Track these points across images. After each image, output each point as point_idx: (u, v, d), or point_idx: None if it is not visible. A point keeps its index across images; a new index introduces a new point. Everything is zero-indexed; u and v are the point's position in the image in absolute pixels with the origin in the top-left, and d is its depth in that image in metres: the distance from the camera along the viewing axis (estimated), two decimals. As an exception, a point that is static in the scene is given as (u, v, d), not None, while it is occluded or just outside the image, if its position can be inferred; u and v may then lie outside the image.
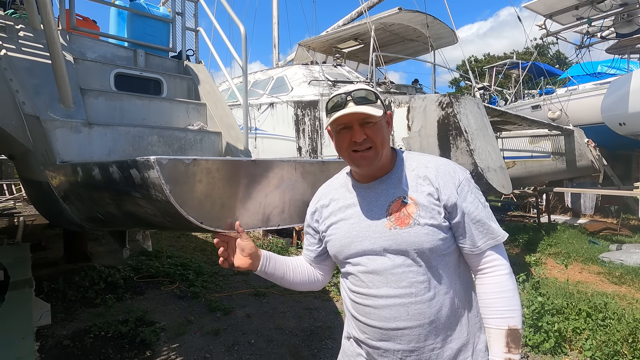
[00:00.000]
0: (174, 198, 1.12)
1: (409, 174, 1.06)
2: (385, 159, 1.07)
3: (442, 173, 1.03)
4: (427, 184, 1.03)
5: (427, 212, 0.99)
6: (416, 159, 1.09)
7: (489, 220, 1.02)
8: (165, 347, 2.96)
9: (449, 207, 1.00)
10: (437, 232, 0.99)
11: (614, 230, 7.59)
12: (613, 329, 3.08)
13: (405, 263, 1.00)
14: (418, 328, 0.99)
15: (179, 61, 3.44)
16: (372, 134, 1.02)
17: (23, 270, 3.72)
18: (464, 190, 1.02)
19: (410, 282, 0.99)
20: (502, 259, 1.03)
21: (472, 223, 1.01)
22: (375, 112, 1.00)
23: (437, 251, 1.00)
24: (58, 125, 2.17)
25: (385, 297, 1.01)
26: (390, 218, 1.02)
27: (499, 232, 1.03)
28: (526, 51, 18.16)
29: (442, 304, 1.00)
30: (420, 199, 1.01)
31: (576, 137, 8.01)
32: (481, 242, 1.02)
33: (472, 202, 1.02)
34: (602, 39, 9.39)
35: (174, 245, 6.17)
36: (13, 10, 2.58)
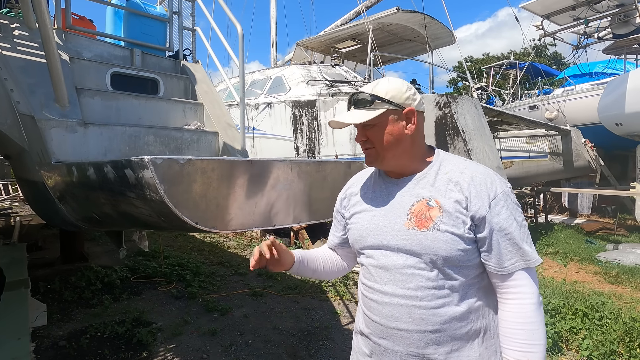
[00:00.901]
0: (168, 198, 1.11)
1: (441, 177, 1.01)
2: (407, 158, 1.04)
3: (476, 182, 0.96)
4: (458, 190, 0.96)
5: (450, 219, 0.94)
6: (454, 163, 1.03)
7: (522, 242, 0.94)
8: (161, 347, 2.95)
9: (476, 220, 0.94)
10: (457, 241, 0.93)
11: (610, 230, 7.62)
12: (610, 328, 3.09)
13: (416, 265, 0.97)
14: (418, 333, 0.96)
15: (176, 61, 3.43)
16: (372, 135, 1.03)
17: (19, 271, 3.70)
18: (498, 205, 0.94)
19: (417, 286, 0.96)
20: (530, 285, 0.95)
21: (501, 241, 0.93)
22: (364, 116, 1.00)
23: (453, 261, 0.94)
24: (53, 124, 2.15)
25: (390, 295, 1.00)
26: (410, 218, 0.99)
27: (532, 256, 0.94)
28: (524, 52, 18.22)
29: (451, 316, 0.95)
30: (446, 204, 0.96)
31: (573, 137, 8.05)
32: (509, 262, 0.94)
33: (505, 218, 0.94)
34: (599, 39, 9.43)
35: (172, 245, 6.15)
36: (8, 9, 2.57)
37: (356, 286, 4.52)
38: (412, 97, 1.03)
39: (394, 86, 1.02)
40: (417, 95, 1.05)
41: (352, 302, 4.04)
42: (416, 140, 1.04)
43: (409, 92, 1.02)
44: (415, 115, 1.02)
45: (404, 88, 1.02)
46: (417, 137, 1.04)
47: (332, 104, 6.07)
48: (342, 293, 4.25)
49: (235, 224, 1.30)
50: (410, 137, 1.02)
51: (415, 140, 1.04)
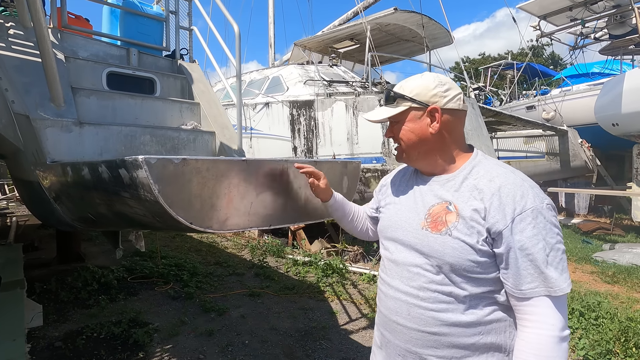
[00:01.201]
0: (162, 198, 1.11)
1: (469, 182, 0.95)
2: (434, 158, 1.01)
3: (503, 193, 0.88)
4: (479, 199, 0.90)
5: (465, 227, 0.90)
6: (487, 169, 0.96)
7: (547, 265, 0.83)
8: (158, 348, 2.94)
9: (493, 233, 0.87)
10: (467, 250, 0.89)
11: (607, 229, 7.65)
12: (606, 328, 3.10)
13: (422, 266, 0.96)
14: (416, 332, 0.96)
15: (173, 60, 3.41)
16: (397, 132, 1.03)
17: (15, 271, 3.68)
18: (523, 221, 0.85)
19: (420, 285, 0.96)
20: (552, 316, 0.83)
21: (521, 261, 0.85)
22: (385, 113, 1.02)
23: (460, 269, 0.90)
24: (48, 124, 2.14)
25: (395, 289, 1.01)
26: (427, 218, 0.97)
27: (557, 284, 0.83)
28: (521, 52, 18.28)
29: (453, 322, 0.91)
30: (464, 211, 0.91)
31: (570, 137, 8.08)
32: (527, 286, 0.85)
33: (530, 237, 0.84)
34: (595, 40, 9.47)
35: (169, 245, 6.13)
36: (3, 7, 2.55)
37: (353, 286, 4.52)
38: (442, 94, 0.97)
39: (422, 83, 0.99)
40: (451, 92, 0.98)
41: (350, 302, 4.04)
42: (445, 139, 0.99)
43: (438, 89, 0.97)
44: (440, 114, 0.96)
45: (433, 85, 0.98)
46: (446, 136, 0.99)
47: (330, 104, 6.06)
48: (340, 293, 4.25)
49: (230, 224, 1.29)
50: (436, 136, 0.98)
51: (443, 139, 0.99)
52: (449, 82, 1.00)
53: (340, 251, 5.79)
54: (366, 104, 5.69)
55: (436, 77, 1.00)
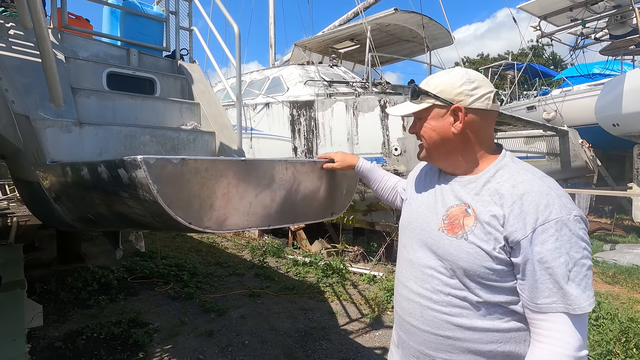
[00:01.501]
0: (161, 198, 1.11)
1: (491, 185, 0.90)
2: (456, 158, 0.97)
3: (526, 201, 0.83)
4: (499, 205, 0.86)
5: (482, 232, 0.86)
6: (512, 173, 0.90)
7: (568, 281, 0.78)
8: (158, 348, 2.94)
9: (510, 242, 0.83)
10: (483, 257, 0.85)
11: (607, 230, 7.64)
12: (606, 328, 3.10)
13: (437, 269, 0.93)
14: (429, 334, 0.93)
15: (173, 60, 3.41)
16: (419, 129, 1.00)
17: (15, 272, 3.69)
18: (545, 232, 0.79)
19: (434, 288, 0.93)
20: (569, 334, 0.78)
21: (539, 274, 0.80)
22: (407, 109, 1.00)
23: (474, 275, 0.87)
24: (48, 124, 2.14)
25: (409, 290, 0.99)
26: (445, 219, 0.94)
27: (577, 301, 0.78)
28: (521, 52, 18.27)
29: (468, 327, 0.88)
30: (483, 215, 0.87)
31: (571, 137, 8.06)
32: (544, 300, 0.80)
33: (551, 250, 0.79)
34: (596, 40, 9.46)
35: (169, 245, 6.13)
36: (3, 8, 2.55)
37: (354, 286, 4.52)
38: (468, 92, 0.91)
39: (448, 79, 0.94)
40: (479, 90, 0.92)
41: (350, 302, 4.04)
42: (469, 140, 0.94)
43: (464, 87, 0.91)
44: (463, 113, 0.91)
45: (460, 82, 0.92)
46: (471, 137, 0.94)
47: (330, 104, 6.06)
48: (340, 293, 4.24)
49: (229, 224, 1.29)
50: (458, 136, 0.93)
51: (467, 140, 0.94)
52: (479, 80, 0.93)
53: (340, 251, 5.79)
54: (366, 104, 5.68)
55: (465, 73, 0.94)
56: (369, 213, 6.03)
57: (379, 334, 3.34)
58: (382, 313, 3.76)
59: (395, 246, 5.39)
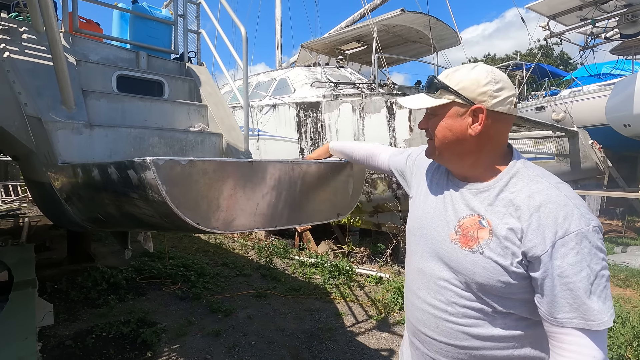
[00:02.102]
0: (170, 199, 1.12)
1: (505, 195, 0.85)
2: (470, 162, 0.91)
3: (543, 213, 0.79)
4: (516, 217, 0.81)
5: (498, 247, 0.82)
6: (526, 181, 0.85)
7: (589, 295, 0.74)
8: (166, 347, 2.97)
9: (529, 257, 0.79)
10: (499, 271, 0.82)
11: (619, 232, 7.52)
12: (617, 332, 3.05)
13: (450, 281, 0.90)
14: (446, 345, 0.91)
15: (181, 63, 3.46)
16: (432, 126, 0.92)
17: (27, 271, 3.75)
18: (565, 246, 0.76)
19: (448, 300, 0.90)
20: (590, 348, 0.75)
21: (559, 288, 0.76)
22: (424, 102, 0.91)
23: (490, 290, 0.84)
24: (60, 126, 2.18)
25: (422, 300, 0.96)
26: (457, 230, 0.89)
27: (598, 317, 0.74)
28: (530, 52, 18.08)
29: (485, 335, 0.86)
30: (499, 229, 0.83)
31: (580, 138, 7.95)
32: (563, 315, 0.77)
33: (572, 264, 0.75)
34: (606, 39, 9.32)
35: (177, 246, 6.19)
36: (17, 12, 2.61)
37: (360, 288, 4.51)
38: (493, 93, 0.85)
39: (472, 76, 0.86)
40: (504, 93, 0.86)
41: (356, 303, 4.03)
42: (485, 144, 0.88)
43: (489, 87, 0.85)
44: (484, 115, 0.85)
45: (484, 81, 0.86)
46: (487, 141, 0.88)
47: (337, 105, 6.07)
48: (346, 295, 4.24)
49: (236, 224, 1.30)
50: (475, 138, 0.87)
51: (483, 144, 0.88)
52: (504, 81, 0.87)
53: (346, 253, 5.78)
54: (373, 105, 5.68)
55: (491, 72, 0.87)
56: (376, 214, 6.02)
57: (386, 336, 3.33)
58: (389, 315, 3.75)
59: (402, 248, 5.37)
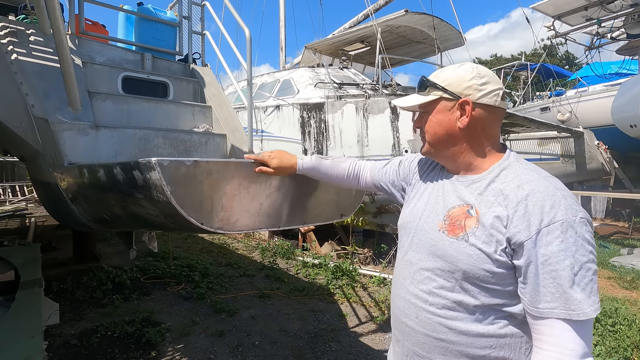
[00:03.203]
0: (174, 199, 1.14)
1: (495, 186, 0.88)
2: (460, 156, 0.94)
3: (530, 202, 0.80)
4: (503, 205, 0.84)
5: (483, 234, 0.84)
6: (516, 173, 0.88)
7: (573, 285, 0.75)
8: (170, 347, 2.99)
9: (513, 244, 0.81)
10: (483, 259, 0.83)
11: (625, 234, 7.45)
12: (623, 335, 3.02)
13: (434, 270, 0.92)
14: (423, 336, 0.93)
15: (186, 64, 3.48)
16: (425, 122, 0.97)
17: (33, 270, 3.78)
18: (550, 234, 0.76)
19: (430, 290, 0.92)
20: (572, 340, 0.75)
21: (542, 277, 0.77)
22: (413, 100, 0.96)
23: (474, 278, 0.85)
24: (66, 127, 2.21)
25: (405, 290, 0.99)
26: (445, 220, 0.92)
27: (582, 307, 0.74)
28: (534, 52, 17.98)
29: (462, 331, 0.87)
30: (485, 217, 0.85)
31: (586, 139, 7.90)
32: (545, 305, 0.77)
33: (555, 252, 0.76)
34: (612, 39, 9.24)
35: (181, 246, 6.22)
36: (24, 15, 2.64)
37: (363, 289, 4.51)
38: (477, 87, 0.89)
39: (458, 73, 0.92)
40: (489, 86, 0.90)
41: (359, 304, 4.03)
42: (475, 136, 0.92)
43: (474, 82, 0.89)
44: (471, 107, 0.89)
45: (469, 76, 0.90)
46: (476, 133, 0.92)
47: (340, 106, 6.07)
48: (350, 296, 4.24)
49: (240, 225, 1.31)
50: (464, 131, 0.91)
51: (472, 136, 0.92)
52: (489, 76, 0.91)
53: (350, 253, 5.78)
54: (376, 106, 5.68)
55: (475, 68, 0.92)
56: (379, 215, 6.01)
57: (389, 337, 3.32)
58: (392, 316, 3.74)
59: (405, 249, 5.36)
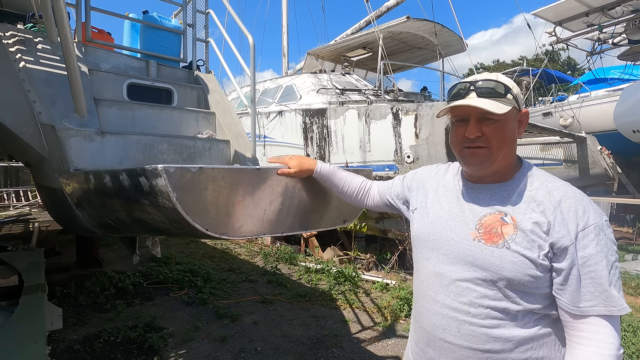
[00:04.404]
0: (180, 205, 1.15)
1: (525, 193, 0.91)
2: (502, 164, 0.94)
3: (565, 208, 0.85)
4: (540, 211, 0.87)
5: (525, 240, 0.85)
6: (542, 180, 0.92)
7: (610, 285, 0.81)
8: (172, 353, 2.99)
9: (556, 248, 0.84)
10: (527, 265, 0.85)
11: (629, 239, 7.40)
12: (628, 341, 3.00)
13: (474, 280, 0.90)
14: (466, 350, 0.90)
15: (190, 71, 3.52)
16: (490, 132, 0.90)
17: (37, 275, 3.80)
18: (587, 237, 0.82)
19: (471, 301, 0.90)
20: (611, 335, 0.82)
21: (583, 278, 0.82)
22: (498, 108, 0.88)
23: (518, 285, 0.86)
24: (72, 134, 2.24)
25: (441, 304, 0.94)
26: (479, 229, 0.91)
27: (618, 303, 0.81)
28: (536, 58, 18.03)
29: (506, 338, 0.87)
30: (523, 223, 0.87)
31: (589, 144, 7.89)
32: (586, 304, 0.82)
33: (593, 254, 0.82)
34: (613, 45, 9.27)
35: (183, 251, 6.23)
36: (32, 24, 2.69)
37: (366, 294, 4.49)
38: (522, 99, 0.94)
39: (513, 83, 0.92)
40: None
41: (362, 310, 4.02)
42: (515, 146, 0.95)
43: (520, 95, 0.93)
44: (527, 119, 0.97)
45: (517, 89, 0.93)
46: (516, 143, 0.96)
47: (342, 112, 6.11)
48: (352, 301, 4.23)
49: (244, 230, 1.33)
50: (514, 140, 0.94)
51: (515, 146, 0.95)
52: None
53: (352, 259, 5.77)
54: (379, 112, 5.70)
55: None
56: (382, 221, 6.01)
57: (392, 343, 3.31)
58: (395, 322, 3.73)
59: (408, 254, 5.35)
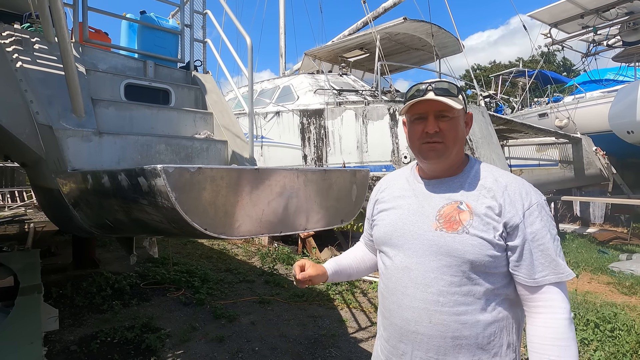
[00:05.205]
0: (179, 205, 1.16)
1: (475, 183, 1.00)
2: (455, 159, 1.04)
3: (511, 191, 0.96)
4: (491, 197, 0.96)
5: (480, 224, 0.93)
6: (489, 171, 1.03)
7: (556, 255, 0.92)
8: (170, 353, 2.98)
9: (509, 227, 0.93)
10: (486, 246, 0.92)
11: (624, 239, 7.46)
12: (622, 340, 3.03)
13: (440, 269, 0.95)
14: (438, 339, 0.94)
15: (187, 71, 3.52)
16: (446, 128, 0.99)
17: (32, 276, 3.78)
18: (532, 215, 0.93)
19: (439, 290, 0.94)
20: (562, 300, 0.92)
21: (534, 251, 0.92)
22: (454, 104, 0.98)
23: (480, 266, 0.93)
24: (70, 134, 2.23)
25: (411, 298, 0.98)
26: (439, 219, 0.98)
27: (565, 270, 0.92)
28: (532, 59, 18.16)
29: (473, 323, 0.93)
30: (477, 208, 0.95)
31: (584, 145, 7.96)
32: (540, 274, 0.92)
33: (539, 229, 0.92)
34: (608, 47, 9.35)
35: (180, 252, 6.21)
36: (29, 24, 2.68)
37: (363, 294, 4.51)
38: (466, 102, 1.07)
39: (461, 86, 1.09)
40: None
41: (359, 310, 4.03)
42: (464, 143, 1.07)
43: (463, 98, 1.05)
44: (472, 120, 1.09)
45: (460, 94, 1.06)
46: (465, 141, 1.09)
47: (340, 112, 6.12)
48: (349, 301, 4.24)
49: (242, 230, 1.34)
50: (463, 139, 1.05)
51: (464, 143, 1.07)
52: None
53: (349, 259, 5.78)
54: (376, 112, 5.72)
55: None
56: (379, 221, 6.02)
57: (389, 343, 3.32)
58: (392, 321, 3.74)
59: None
